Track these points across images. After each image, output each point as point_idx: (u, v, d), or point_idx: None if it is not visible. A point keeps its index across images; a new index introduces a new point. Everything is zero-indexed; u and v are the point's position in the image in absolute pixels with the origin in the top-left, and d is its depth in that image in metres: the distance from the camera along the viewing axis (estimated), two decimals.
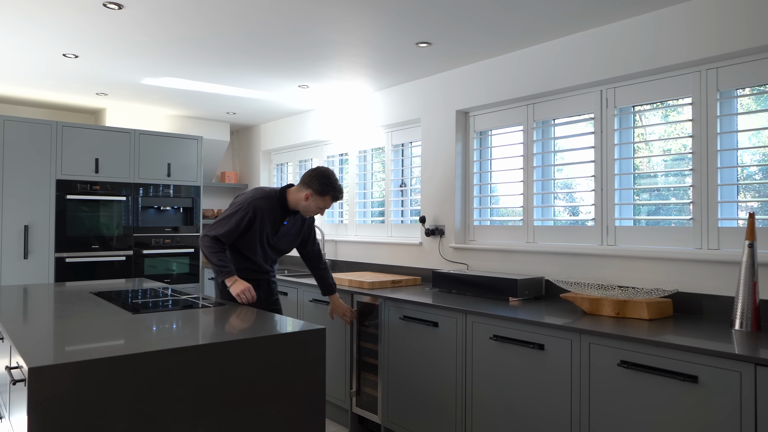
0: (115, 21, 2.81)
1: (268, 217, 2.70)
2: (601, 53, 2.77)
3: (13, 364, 1.70)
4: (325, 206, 2.68)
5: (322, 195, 2.64)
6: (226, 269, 2.55)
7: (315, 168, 2.69)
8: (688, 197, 2.54)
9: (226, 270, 2.55)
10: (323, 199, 2.65)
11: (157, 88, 4.17)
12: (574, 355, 2.14)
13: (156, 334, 1.79)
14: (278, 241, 2.81)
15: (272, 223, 2.73)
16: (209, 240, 2.60)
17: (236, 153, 6.12)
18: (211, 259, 2.57)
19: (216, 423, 1.67)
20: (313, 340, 1.90)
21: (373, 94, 4.23)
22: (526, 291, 2.84)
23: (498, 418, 2.42)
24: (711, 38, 2.38)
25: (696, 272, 2.43)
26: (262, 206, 2.67)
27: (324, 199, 2.65)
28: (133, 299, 2.58)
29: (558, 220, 3.07)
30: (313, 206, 2.67)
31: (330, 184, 2.62)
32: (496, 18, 2.70)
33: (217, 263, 2.56)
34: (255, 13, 2.68)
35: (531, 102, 3.19)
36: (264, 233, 2.73)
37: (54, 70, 3.73)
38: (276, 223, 2.74)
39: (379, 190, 4.31)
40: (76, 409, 1.44)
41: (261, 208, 2.67)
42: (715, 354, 1.75)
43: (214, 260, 2.56)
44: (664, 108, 2.67)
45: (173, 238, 4.74)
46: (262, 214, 2.68)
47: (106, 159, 4.41)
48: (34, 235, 4.09)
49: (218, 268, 2.55)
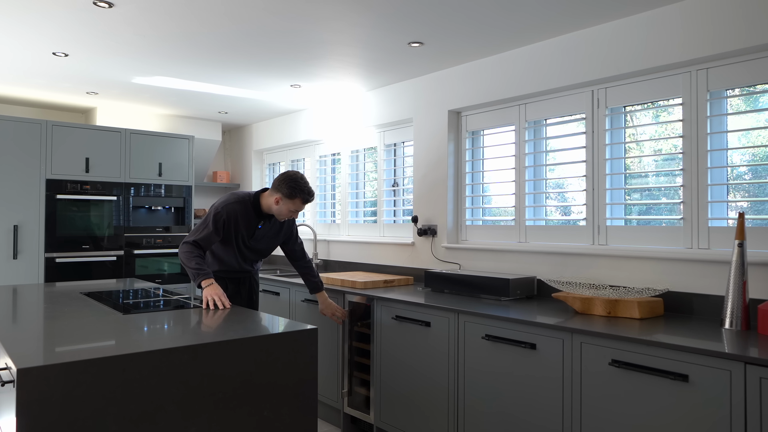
0: (106, 19, 2.78)
1: (243, 220, 2.72)
2: (593, 54, 2.79)
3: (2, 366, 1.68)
4: (296, 209, 2.67)
5: (291, 198, 2.62)
6: (203, 272, 2.50)
7: (284, 172, 2.67)
8: (679, 197, 2.56)
9: (204, 272, 2.50)
10: (293, 202, 2.63)
11: (148, 87, 4.15)
12: (566, 354, 2.15)
13: (147, 335, 1.78)
14: (255, 243, 2.82)
15: (247, 226, 2.75)
16: (188, 246, 2.59)
17: (228, 153, 6.09)
18: (189, 264, 2.53)
19: (207, 424, 1.66)
20: (305, 341, 1.89)
21: (366, 93, 4.23)
22: (518, 291, 2.84)
23: (490, 418, 2.43)
24: (701, 39, 2.40)
25: (686, 271, 2.44)
26: (236, 210, 2.69)
27: (294, 202, 2.63)
28: (124, 299, 2.56)
29: (550, 220, 3.08)
30: (284, 210, 2.66)
31: (298, 187, 2.60)
32: (488, 18, 2.71)
33: (194, 267, 2.52)
34: (247, 11, 2.67)
35: (523, 102, 3.20)
36: (239, 236, 2.76)
37: (43, 69, 3.70)
38: (251, 226, 2.76)
39: (371, 190, 4.31)
40: (66, 411, 1.43)
41: (235, 212, 2.69)
42: (705, 353, 1.76)
43: (192, 264, 2.52)
44: (654, 108, 2.69)
45: (164, 238, 4.71)
46: (236, 217, 2.70)
47: (97, 158, 4.38)
48: (24, 235, 4.05)
49: (195, 271, 2.51)
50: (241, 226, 2.73)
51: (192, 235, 2.64)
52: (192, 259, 2.54)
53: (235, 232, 2.74)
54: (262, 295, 4.03)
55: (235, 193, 2.76)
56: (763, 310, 1.98)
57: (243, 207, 2.71)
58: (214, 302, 2.38)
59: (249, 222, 2.74)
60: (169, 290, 2.90)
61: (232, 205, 2.69)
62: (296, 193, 2.61)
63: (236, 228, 2.73)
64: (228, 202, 2.69)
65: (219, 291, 2.43)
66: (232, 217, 2.69)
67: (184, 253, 2.57)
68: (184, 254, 2.57)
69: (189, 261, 2.54)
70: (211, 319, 2.10)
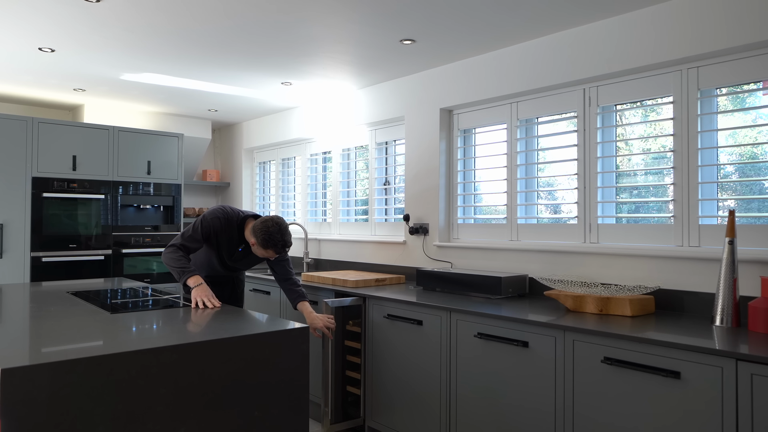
0: (94, 14, 2.74)
1: (225, 238, 2.73)
2: (585, 52, 2.79)
3: None
4: (270, 256, 2.65)
5: (265, 248, 2.60)
6: (188, 270, 2.51)
7: (267, 219, 2.61)
8: (670, 195, 2.57)
9: (189, 270, 2.51)
10: (266, 251, 2.62)
11: (137, 84, 4.10)
12: (558, 352, 2.14)
13: (135, 334, 1.75)
14: (235, 263, 2.84)
15: (228, 246, 2.75)
16: (172, 248, 2.59)
17: (218, 151, 6.05)
18: (174, 264, 2.53)
19: (197, 424, 1.63)
20: (296, 339, 1.87)
21: (357, 91, 4.21)
22: (510, 289, 2.84)
23: (482, 416, 2.42)
24: (692, 37, 2.40)
25: (677, 269, 2.45)
26: (222, 226, 2.71)
27: (266, 251, 2.62)
28: (112, 299, 2.52)
29: (541, 218, 3.08)
30: (259, 252, 2.64)
31: (271, 241, 2.56)
32: (480, 15, 2.70)
33: (179, 266, 2.52)
34: (238, 6, 2.64)
35: (515, 100, 3.20)
36: (221, 252, 2.77)
37: (30, 65, 3.64)
38: (232, 247, 2.76)
39: (362, 189, 4.29)
40: (52, 411, 1.40)
41: (221, 228, 2.71)
42: (697, 350, 1.76)
43: (177, 264, 2.53)
44: (645, 107, 2.69)
45: (153, 237, 4.66)
46: (219, 233, 2.71)
47: (84, 156, 4.32)
48: (9, 233, 3.99)
49: (180, 269, 2.50)
50: (222, 243, 2.74)
51: (176, 239, 2.64)
52: (176, 260, 2.54)
53: (217, 245, 2.76)
54: (253, 295, 4.00)
55: (225, 210, 2.74)
56: (753, 307, 1.99)
57: (228, 226, 2.72)
58: (203, 303, 2.36)
59: (231, 242, 2.74)
60: (158, 290, 2.86)
61: (220, 221, 2.70)
62: (269, 245, 2.58)
63: (218, 242, 2.74)
64: (216, 217, 2.70)
65: (208, 292, 2.42)
66: (217, 231, 2.71)
67: (167, 255, 2.57)
68: (168, 255, 2.56)
69: (173, 261, 2.54)
70: (201, 318, 2.08)
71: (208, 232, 2.68)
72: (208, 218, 2.69)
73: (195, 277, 2.48)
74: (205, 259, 2.84)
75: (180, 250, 2.59)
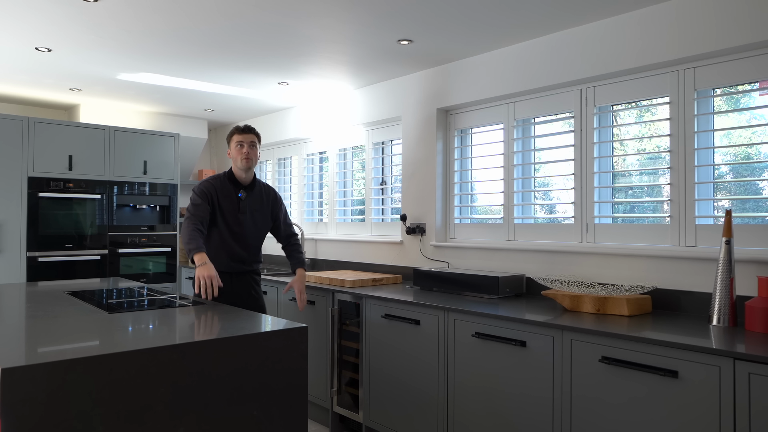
0: (91, 13, 2.73)
1: (222, 194, 2.85)
2: (582, 52, 2.80)
3: None
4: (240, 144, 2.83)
5: (229, 140, 2.89)
6: (196, 246, 2.55)
7: None
8: (666, 195, 2.58)
9: (197, 247, 2.55)
10: (232, 140, 2.86)
11: (133, 83, 4.09)
12: (556, 351, 2.15)
13: (133, 334, 1.75)
14: (244, 218, 2.87)
15: (228, 199, 2.85)
16: (186, 223, 2.70)
17: (214, 151, 6.03)
18: (185, 241, 2.61)
19: (196, 423, 1.63)
20: (295, 339, 1.87)
21: (354, 91, 4.21)
22: (507, 288, 2.85)
23: (480, 415, 2.42)
24: (689, 38, 2.42)
25: (674, 269, 2.46)
26: (213, 185, 2.84)
27: (232, 139, 2.86)
28: (109, 299, 2.52)
29: (538, 218, 3.09)
30: (234, 153, 2.86)
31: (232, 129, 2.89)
32: (477, 16, 2.71)
33: (188, 242, 2.58)
34: (235, 6, 2.64)
35: (512, 100, 3.21)
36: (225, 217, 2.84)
37: (26, 64, 3.63)
38: (232, 199, 2.87)
39: (359, 189, 4.29)
40: (52, 411, 1.39)
41: (213, 186, 2.84)
42: (695, 349, 1.77)
43: (187, 240, 2.60)
44: (641, 108, 2.71)
45: (149, 236, 4.65)
46: (215, 191, 2.83)
47: (81, 156, 4.31)
48: (5, 233, 3.97)
49: (187, 245, 2.57)
50: (222, 201, 2.83)
51: (186, 213, 2.76)
52: (188, 234, 2.62)
53: (221, 210, 2.82)
54: None
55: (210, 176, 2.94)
56: (750, 307, 2.00)
57: (219, 182, 2.86)
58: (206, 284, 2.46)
59: (229, 194, 2.85)
60: (155, 290, 2.85)
61: (208, 181, 2.85)
62: (229, 134, 2.89)
63: (220, 204, 2.82)
64: (203, 181, 2.87)
65: (212, 272, 2.48)
66: (212, 190, 2.81)
67: (183, 232, 2.66)
68: (183, 232, 2.66)
69: (186, 237, 2.62)
70: (200, 317, 2.07)
71: (204, 191, 2.79)
72: (200, 185, 2.84)
73: (201, 254, 2.53)
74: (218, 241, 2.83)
75: (192, 221, 2.67)
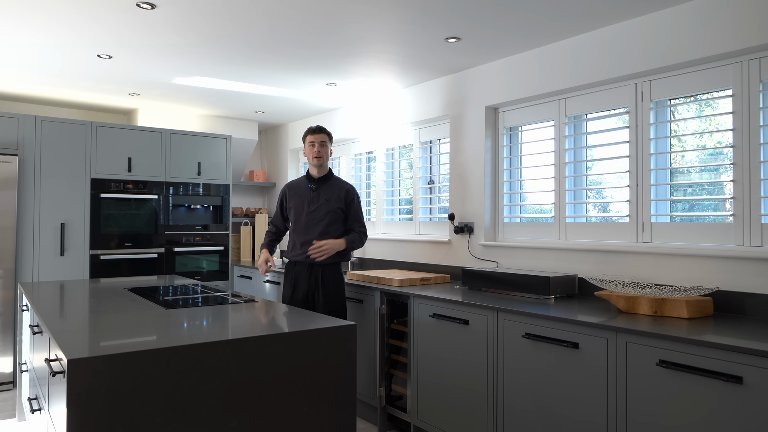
0: (148, 21, 2.85)
1: (295, 190, 3.30)
2: (636, 45, 2.70)
3: (53, 357, 1.73)
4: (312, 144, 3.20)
5: (304, 141, 3.27)
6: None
7: None
8: (729, 192, 2.46)
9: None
10: (306, 140, 3.25)
11: (188, 87, 4.23)
12: (610, 354, 2.09)
13: (189, 329, 1.80)
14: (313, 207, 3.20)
15: (299, 192, 3.26)
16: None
17: (264, 152, 6.17)
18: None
19: (248, 417, 1.67)
20: (343, 336, 1.89)
21: (402, 90, 4.21)
22: (559, 289, 2.78)
23: (530, 418, 2.38)
24: (754, 27, 2.29)
25: (738, 270, 2.34)
26: (289, 185, 3.35)
27: (306, 140, 3.25)
28: (165, 295, 2.61)
29: (591, 217, 3.00)
30: (307, 151, 3.24)
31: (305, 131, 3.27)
32: (527, 11, 2.65)
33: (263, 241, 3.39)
34: (282, 11, 2.69)
35: (563, 97, 3.13)
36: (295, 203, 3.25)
37: (89, 71, 3.81)
38: (303, 190, 3.27)
39: (406, 188, 4.29)
40: (113, 401, 1.46)
41: (288, 186, 3.35)
42: (761, 354, 1.68)
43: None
44: (701, 101, 2.59)
45: (203, 236, 4.80)
46: (289, 190, 3.33)
47: (139, 158, 4.49)
48: (70, 232, 4.18)
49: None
50: (292, 197, 3.28)
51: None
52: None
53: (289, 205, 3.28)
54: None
55: None
56: None
57: (295, 181, 3.35)
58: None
59: (301, 189, 3.27)
60: (209, 287, 2.94)
61: (288, 183, 3.37)
62: (304, 135, 3.28)
63: (287, 200, 3.31)
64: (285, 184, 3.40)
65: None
66: (284, 193, 3.35)
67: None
68: None
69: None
70: (251, 314, 2.12)
71: (281, 197, 3.36)
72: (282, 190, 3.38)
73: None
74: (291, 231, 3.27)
75: (269, 226, 3.44)
